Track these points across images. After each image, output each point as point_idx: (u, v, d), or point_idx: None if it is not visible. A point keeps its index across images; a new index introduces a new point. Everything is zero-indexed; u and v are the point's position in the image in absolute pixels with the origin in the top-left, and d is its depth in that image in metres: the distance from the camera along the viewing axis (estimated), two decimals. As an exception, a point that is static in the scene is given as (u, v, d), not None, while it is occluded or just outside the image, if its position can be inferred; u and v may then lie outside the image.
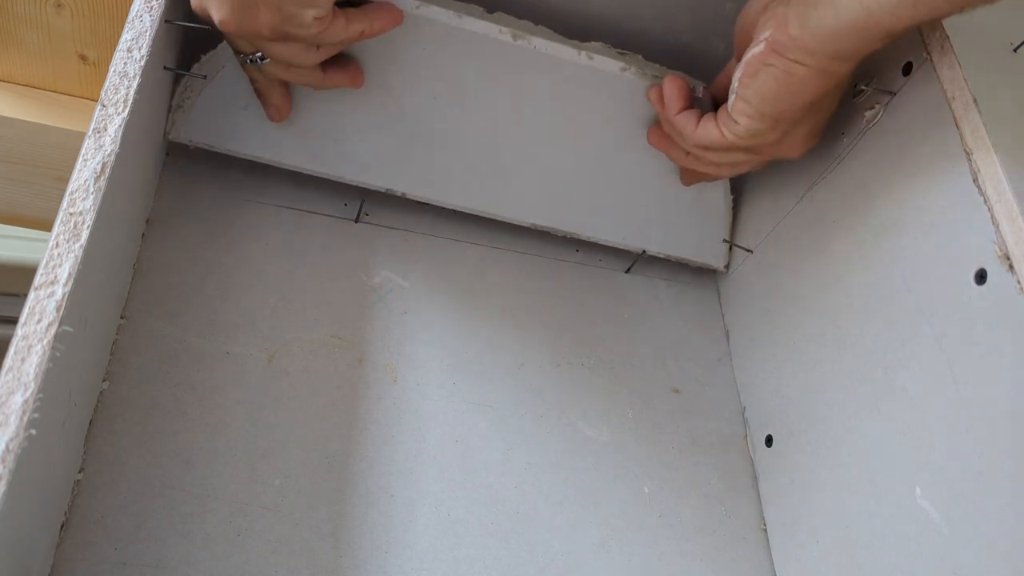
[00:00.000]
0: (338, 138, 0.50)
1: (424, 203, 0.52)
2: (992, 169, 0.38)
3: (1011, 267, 0.36)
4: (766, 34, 0.40)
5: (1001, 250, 0.37)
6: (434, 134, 0.51)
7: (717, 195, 0.57)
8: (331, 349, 0.47)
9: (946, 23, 0.41)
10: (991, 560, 0.35)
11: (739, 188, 0.58)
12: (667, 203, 0.56)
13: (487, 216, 0.53)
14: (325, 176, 0.50)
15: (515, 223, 0.54)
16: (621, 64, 0.51)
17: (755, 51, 0.41)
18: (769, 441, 0.51)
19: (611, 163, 0.54)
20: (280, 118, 0.48)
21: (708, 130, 0.46)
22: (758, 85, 0.42)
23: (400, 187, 0.51)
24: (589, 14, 0.53)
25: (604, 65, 0.51)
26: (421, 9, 0.48)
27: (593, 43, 0.51)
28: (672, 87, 0.49)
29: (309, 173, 0.50)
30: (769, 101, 0.42)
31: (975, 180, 0.39)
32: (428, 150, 0.51)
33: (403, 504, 0.43)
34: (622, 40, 0.53)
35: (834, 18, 0.38)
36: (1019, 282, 0.36)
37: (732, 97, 0.44)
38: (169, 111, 0.47)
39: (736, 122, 0.44)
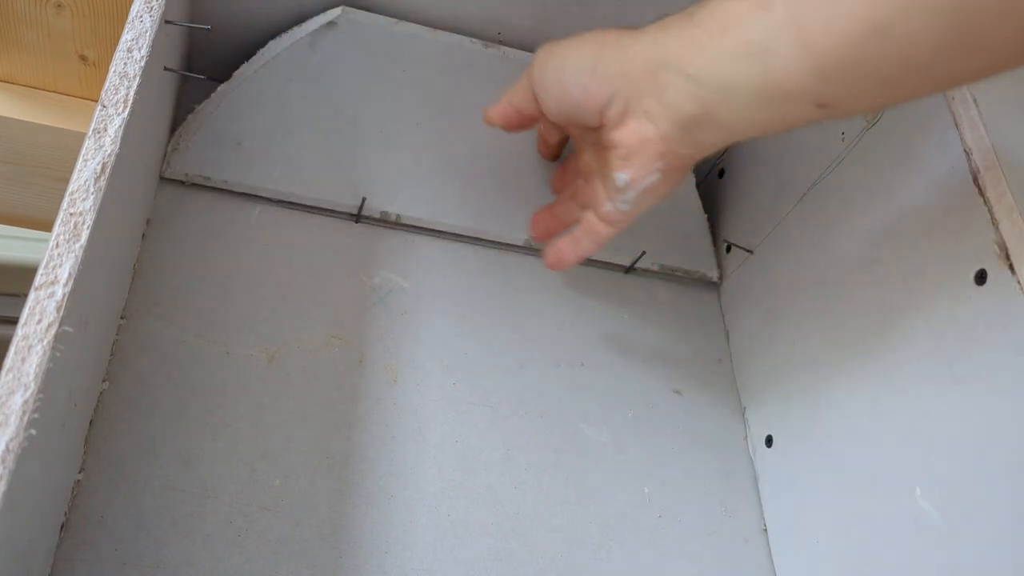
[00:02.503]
0: (328, 166, 0.50)
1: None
2: (992, 169, 0.38)
3: (1011, 267, 0.36)
4: (658, 164, 0.40)
5: (1001, 250, 0.37)
6: (419, 155, 0.52)
7: (695, 207, 0.57)
8: (331, 349, 0.47)
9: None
10: (991, 560, 0.35)
11: (739, 189, 0.58)
12: (658, 214, 0.56)
13: (480, 237, 0.53)
14: (319, 205, 0.51)
15: (507, 243, 0.54)
16: None
17: (653, 180, 0.40)
18: (769, 441, 0.51)
19: None
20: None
21: (600, 236, 0.46)
22: (660, 195, 0.42)
23: (394, 210, 0.52)
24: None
25: None
26: (398, 25, 0.49)
27: None
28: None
29: (303, 203, 0.50)
30: (668, 193, 0.42)
31: (975, 180, 0.39)
32: (416, 171, 0.52)
33: (403, 504, 0.43)
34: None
35: (728, 138, 0.38)
36: (1019, 282, 0.36)
37: (622, 205, 0.43)
38: (165, 154, 0.48)
39: (620, 222, 0.44)
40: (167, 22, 0.42)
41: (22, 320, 0.29)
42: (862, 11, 0.30)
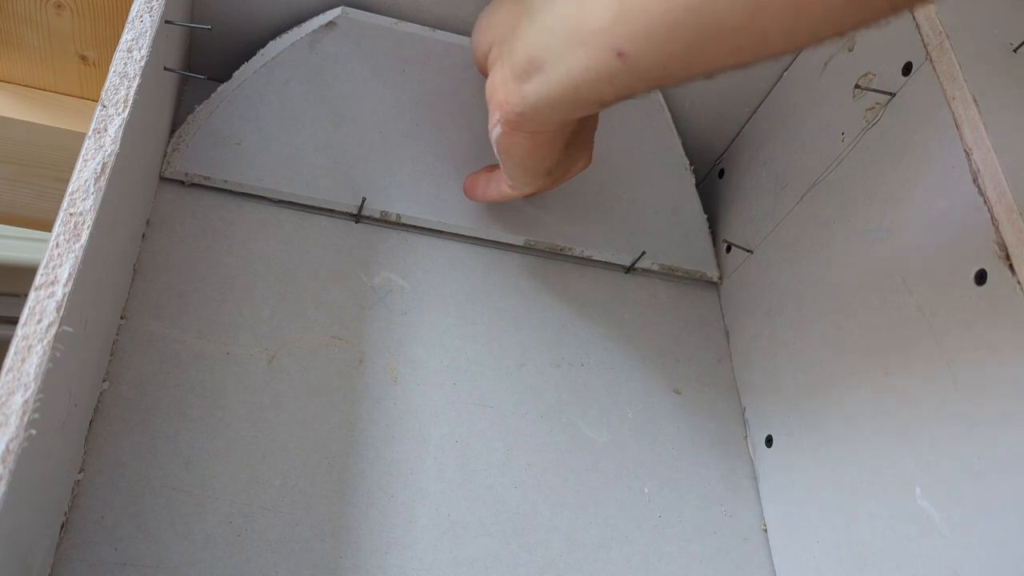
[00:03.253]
0: (328, 166, 0.51)
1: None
2: (992, 169, 0.38)
3: (1011, 267, 0.36)
4: (497, 116, 0.40)
5: (1001, 250, 0.37)
6: (419, 155, 0.52)
7: (695, 207, 0.57)
8: (331, 349, 0.47)
9: (944, 23, 0.42)
10: (991, 560, 0.35)
11: (739, 189, 0.58)
12: (658, 214, 0.57)
13: (480, 237, 0.53)
14: (319, 204, 0.50)
15: (507, 243, 0.54)
16: None
17: (496, 133, 0.42)
18: (769, 441, 0.51)
19: (595, 174, 0.55)
20: None
21: (501, 191, 0.48)
22: (516, 159, 0.43)
23: (394, 210, 0.51)
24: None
25: None
26: (398, 25, 0.50)
27: None
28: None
29: (304, 203, 0.50)
30: (532, 165, 0.43)
31: (975, 180, 0.39)
32: (416, 171, 0.52)
33: (403, 504, 0.43)
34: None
35: (547, 91, 0.37)
36: (1019, 282, 0.36)
37: (503, 169, 0.45)
38: (165, 154, 0.48)
39: (517, 188, 0.46)
40: (167, 22, 0.42)
41: (22, 320, 0.29)
42: None
